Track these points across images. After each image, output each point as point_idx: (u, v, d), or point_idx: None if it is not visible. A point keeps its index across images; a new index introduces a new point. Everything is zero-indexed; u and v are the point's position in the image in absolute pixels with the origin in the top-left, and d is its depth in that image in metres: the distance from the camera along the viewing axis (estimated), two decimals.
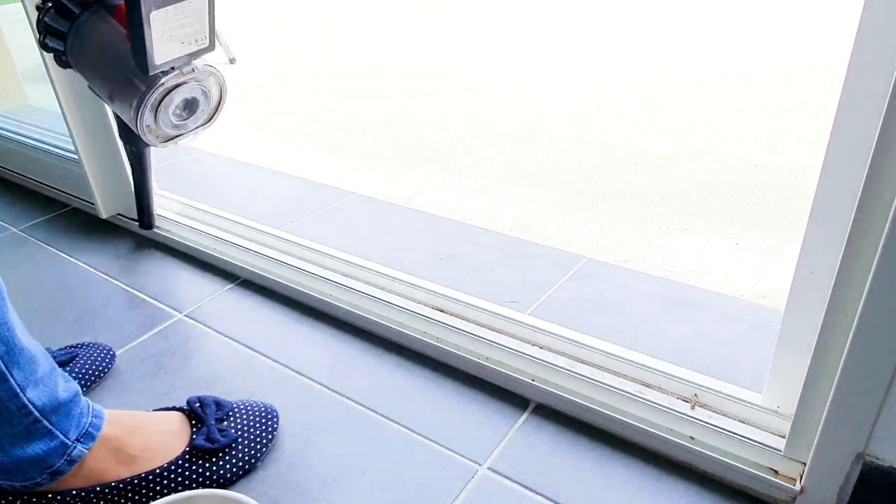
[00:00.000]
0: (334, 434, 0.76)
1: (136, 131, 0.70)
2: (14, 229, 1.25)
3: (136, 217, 1.20)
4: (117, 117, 0.80)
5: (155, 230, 1.18)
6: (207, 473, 0.68)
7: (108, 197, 1.22)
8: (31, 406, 0.59)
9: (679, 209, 1.66)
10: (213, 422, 0.71)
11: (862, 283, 0.52)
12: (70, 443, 0.62)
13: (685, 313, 0.95)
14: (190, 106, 0.73)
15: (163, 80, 0.68)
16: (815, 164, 0.52)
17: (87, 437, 0.64)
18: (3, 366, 0.57)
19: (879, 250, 0.50)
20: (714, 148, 2.10)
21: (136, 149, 0.86)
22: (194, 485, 0.67)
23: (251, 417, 0.74)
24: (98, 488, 0.64)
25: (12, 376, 0.58)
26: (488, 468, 0.71)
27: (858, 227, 0.52)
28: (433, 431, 0.76)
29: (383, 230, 1.24)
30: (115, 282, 1.07)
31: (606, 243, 1.48)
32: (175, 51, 0.66)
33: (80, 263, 1.13)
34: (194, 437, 0.69)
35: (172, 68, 0.68)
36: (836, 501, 0.61)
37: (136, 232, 1.21)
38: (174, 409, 0.73)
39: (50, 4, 0.71)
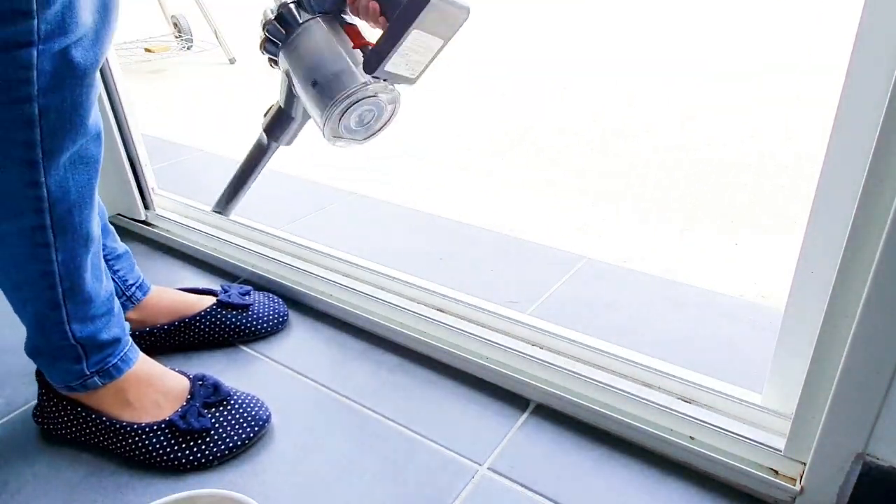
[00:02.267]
0: (334, 434, 0.76)
1: (317, 120, 0.80)
2: None
3: (136, 218, 1.21)
4: (276, 111, 0.93)
5: (155, 230, 1.18)
6: (167, 450, 0.71)
7: (107, 197, 1.22)
8: (70, 333, 0.68)
9: (679, 209, 1.65)
10: (198, 404, 0.73)
11: (862, 283, 0.52)
12: (88, 373, 0.71)
13: (685, 313, 0.95)
14: (365, 117, 0.81)
15: (371, 84, 0.77)
16: (815, 164, 0.52)
17: (105, 374, 0.72)
18: (61, 296, 0.66)
19: (879, 250, 0.50)
20: (714, 148, 2.10)
21: (269, 144, 0.98)
22: (154, 455, 0.71)
23: (237, 416, 0.74)
24: (84, 413, 0.73)
25: (65, 306, 0.67)
26: (488, 468, 0.71)
27: (858, 227, 0.52)
28: (433, 431, 0.76)
29: (383, 230, 1.24)
30: None
31: (606, 243, 1.48)
32: (398, 68, 0.75)
33: None
34: (178, 410, 0.72)
35: (383, 80, 0.77)
36: (836, 501, 0.61)
37: (135, 232, 1.21)
38: (186, 375, 0.77)
39: (294, 2, 0.82)
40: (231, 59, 3.30)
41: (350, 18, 0.84)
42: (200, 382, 0.76)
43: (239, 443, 0.72)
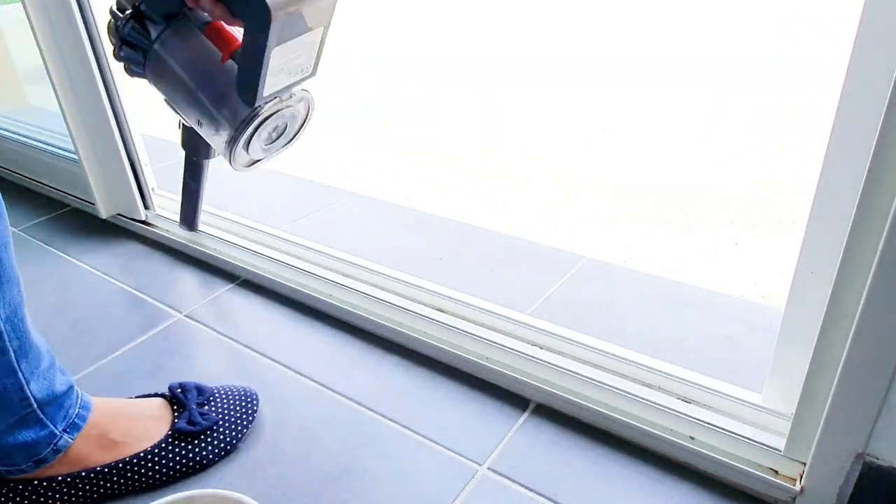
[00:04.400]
0: (335, 434, 0.76)
1: (226, 158, 0.66)
2: (14, 229, 1.25)
3: (136, 218, 1.21)
4: (186, 129, 0.75)
5: (155, 230, 1.18)
6: (190, 455, 0.70)
7: (107, 197, 1.22)
8: (31, 399, 0.61)
9: (679, 209, 1.65)
10: (194, 406, 0.73)
11: (862, 283, 0.52)
12: (58, 433, 0.64)
13: (685, 313, 0.95)
14: (277, 130, 0.68)
15: (262, 111, 0.63)
16: (815, 164, 0.52)
17: (73, 427, 0.65)
18: (14, 359, 0.59)
19: (879, 250, 0.50)
20: (714, 148, 2.10)
21: (198, 161, 0.81)
22: (177, 466, 0.69)
23: (231, 401, 0.75)
24: (83, 473, 0.66)
25: (21, 370, 0.60)
26: (488, 468, 0.71)
27: (858, 227, 0.52)
28: (433, 431, 0.76)
29: (383, 230, 1.24)
30: (114, 282, 1.07)
31: (606, 243, 1.48)
32: (282, 81, 0.62)
33: (79, 263, 1.13)
34: (176, 421, 0.71)
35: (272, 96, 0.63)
36: (836, 501, 0.61)
37: (135, 232, 1.21)
38: (156, 395, 0.75)
39: (130, 14, 0.65)
40: None
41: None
42: (181, 390, 0.74)
43: (247, 423, 0.74)
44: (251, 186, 1.46)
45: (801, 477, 0.63)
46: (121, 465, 0.67)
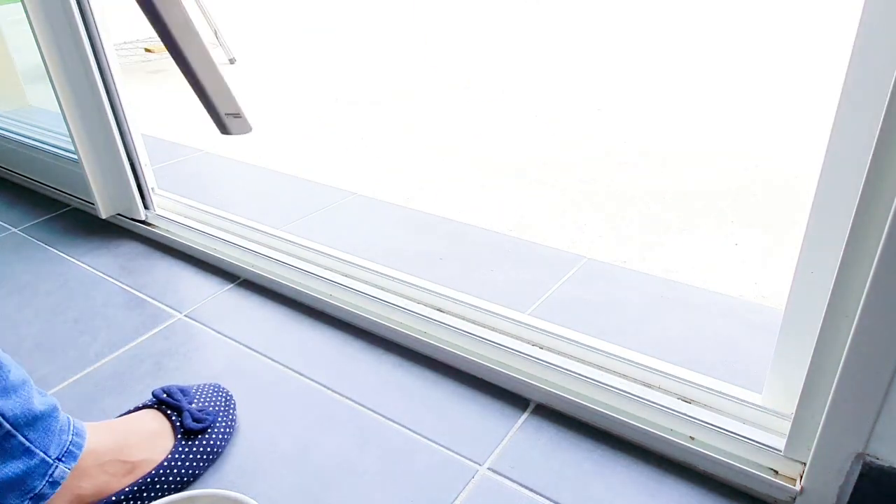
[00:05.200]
0: (334, 434, 0.76)
1: None
2: (14, 229, 1.25)
3: (136, 218, 1.21)
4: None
5: (155, 230, 1.18)
6: (205, 449, 0.71)
7: (107, 197, 1.22)
8: (1, 417, 0.54)
9: (679, 209, 1.65)
10: (188, 405, 0.73)
11: (862, 283, 0.52)
12: (51, 461, 0.58)
13: (685, 313, 0.95)
14: None
15: None
16: (815, 164, 0.52)
17: (69, 455, 0.60)
18: None
19: (879, 250, 0.50)
20: (714, 148, 2.10)
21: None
22: (196, 463, 0.70)
23: (211, 393, 0.77)
24: (113, 498, 0.63)
25: None
26: (488, 468, 0.71)
27: (858, 227, 0.52)
28: (433, 431, 0.76)
29: (383, 230, 1.24)
30: (114, 282, 1.07)
31: (606, 243, 1.48)
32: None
33: (79, 263, 1.13)
34: (178, 423, 0.71)
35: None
36: (836, 501, 0.61)
37: (135, 232, 1.21)
38: (142, 407, 0.73)
39: None
40: (231, 59, 3.31)
41: None
42: (167, 395, 0.73)
43: (233, 407, 0.77)
44: (251, 186, 1.46)
45: (801, 477, 0.63)
46: (149, 479, 0.66)
